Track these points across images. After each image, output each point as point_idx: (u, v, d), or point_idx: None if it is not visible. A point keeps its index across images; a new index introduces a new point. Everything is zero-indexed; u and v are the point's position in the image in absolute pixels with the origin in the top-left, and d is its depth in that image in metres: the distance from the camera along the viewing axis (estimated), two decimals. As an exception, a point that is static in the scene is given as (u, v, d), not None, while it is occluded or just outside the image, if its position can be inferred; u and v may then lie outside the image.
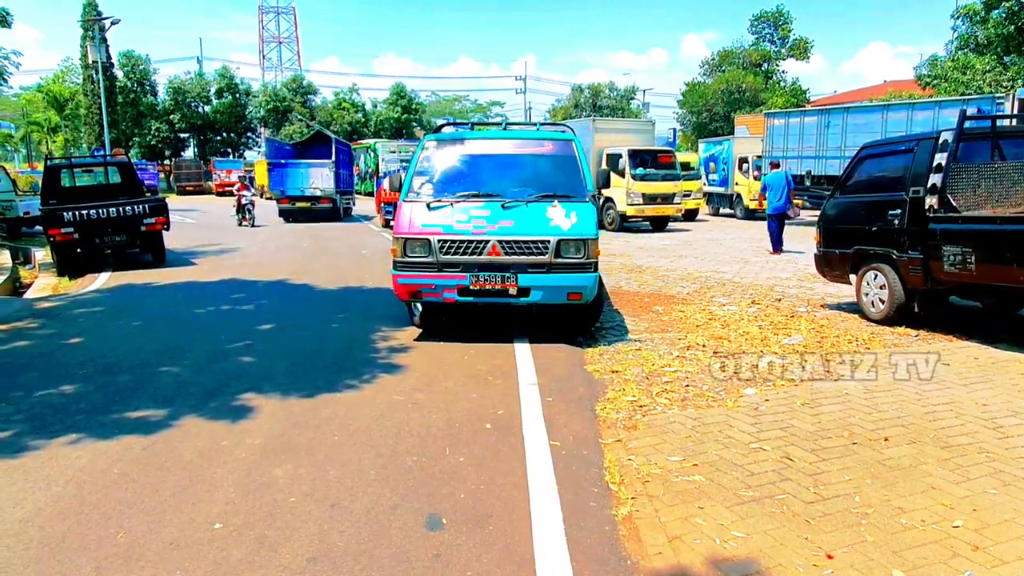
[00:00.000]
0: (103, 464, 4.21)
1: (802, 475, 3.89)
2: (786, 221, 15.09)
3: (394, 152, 32.53)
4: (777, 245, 14.75)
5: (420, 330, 7.72)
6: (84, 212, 13.57)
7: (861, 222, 7.97)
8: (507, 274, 6.80)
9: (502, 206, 7.02)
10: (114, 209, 13.83)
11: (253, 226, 23.07)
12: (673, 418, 4.91)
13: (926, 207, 7.07)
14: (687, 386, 5.65)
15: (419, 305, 7.69)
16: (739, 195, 25.99)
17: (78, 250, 13.78)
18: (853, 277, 8.21)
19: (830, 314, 8.39)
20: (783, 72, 51.77)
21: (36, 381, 6.09)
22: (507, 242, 6.82)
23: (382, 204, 25.46)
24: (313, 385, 5.80)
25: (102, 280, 12.74)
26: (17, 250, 17.81)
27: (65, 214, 13.47)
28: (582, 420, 4.93)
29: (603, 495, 3.73)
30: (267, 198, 29.92)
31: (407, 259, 7.06)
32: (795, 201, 15.44)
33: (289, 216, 25.78)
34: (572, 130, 8.44)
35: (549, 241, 6.79)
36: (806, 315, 8.29)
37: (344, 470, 4.07)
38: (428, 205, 7.17)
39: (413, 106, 66.90)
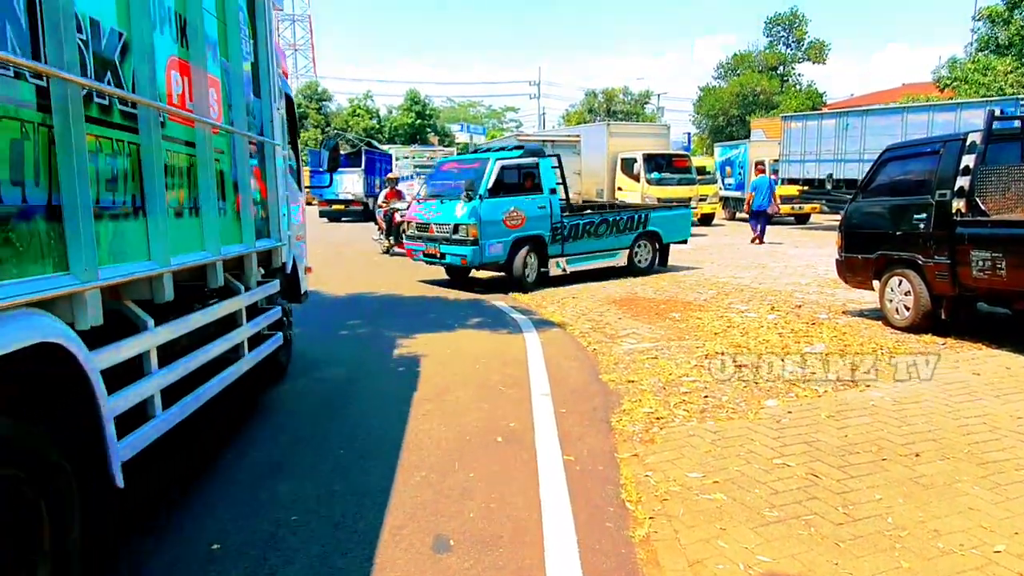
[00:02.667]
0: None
1: (830, 494, 3.68)
2: (768, 216, 18.70)
3: (407, 158, 32.44)
4: (760, 235, 18.23)
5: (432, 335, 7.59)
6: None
7: (885, 226, 7.73)
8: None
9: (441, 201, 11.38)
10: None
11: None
12: (692, 431, 4.72)
13: (953, 211, 6.84)
14: (706, 397, 5.45)
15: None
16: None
17: None
18: (876, 283, 7.98)
19: (852, 321, 8.15)
20: (799, 75, 51.40)
21: None
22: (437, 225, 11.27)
23: (379, 202, 25.43)
24: (322, 393, 5.66)
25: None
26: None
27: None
28: (597, 433, 4.75)
29: (619, 515, 3.55)
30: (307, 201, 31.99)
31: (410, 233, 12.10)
32: (775, 200, 19.46)
33: (328, 217, 29.45)
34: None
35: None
36: (828, 322, 8.06)
37: (349, 486, 3.91)
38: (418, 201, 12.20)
39: (427, 112, 67.01)
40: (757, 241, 18.12)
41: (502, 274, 11.39)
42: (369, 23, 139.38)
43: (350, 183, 28.42)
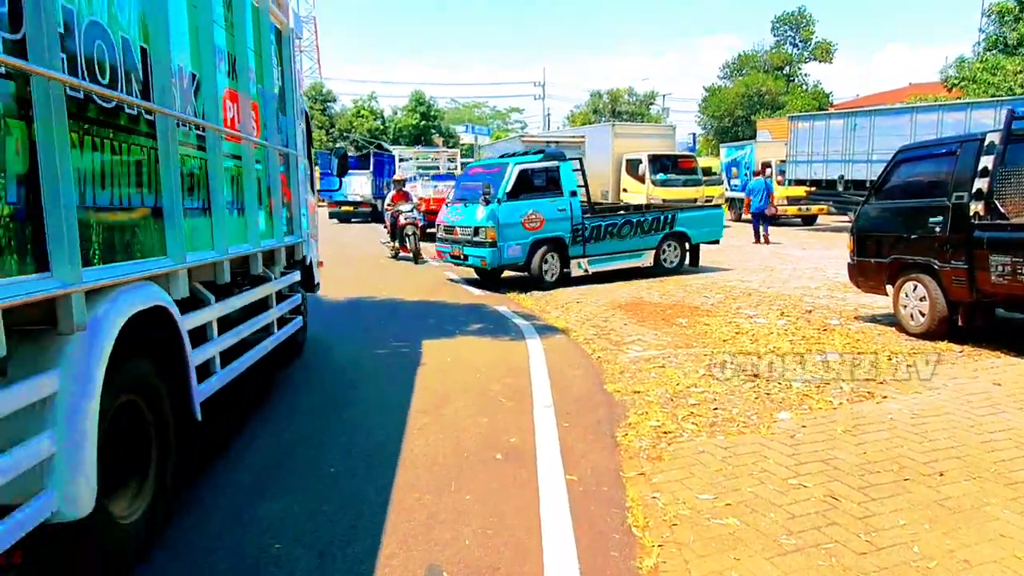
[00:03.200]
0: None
1: (850, 518, 3.45)
2: (766, 217, 19.07)
3: (410, 159, 32.25)
4: (758, 237, 18.53)
5: (431, 342, 7.37)
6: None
7: (899, 230, 7.49)
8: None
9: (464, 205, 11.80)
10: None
11: (418, 262, 15.32)
12: (702, 447, 4.49)
13: (971, 214, 6.59)
14: (715, 409, 5.22)
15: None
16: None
17: None
18: (890, 288, 7.73)
19: (865, 327, 7.90)
20: (805, 75, 51.04)
21: None
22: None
23: (385, 203, 25.38)
24: (317, 400, 5.45)
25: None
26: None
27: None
28: (601, 449, 4.52)
29: (625, 542, 3.32)
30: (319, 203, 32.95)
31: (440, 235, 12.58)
32: (772, 201, 20.10)
33: (338, 218, 29.93)
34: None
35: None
36: (840, 328, 7.81)
37: (338, 506, 3.69)
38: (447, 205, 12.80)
39: (432, 113, 66.86)
40: (764, 241, 18.38)
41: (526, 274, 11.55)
42: (372, 24, 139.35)
43: (359, 185, 29.08)
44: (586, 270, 11.75)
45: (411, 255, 15.46)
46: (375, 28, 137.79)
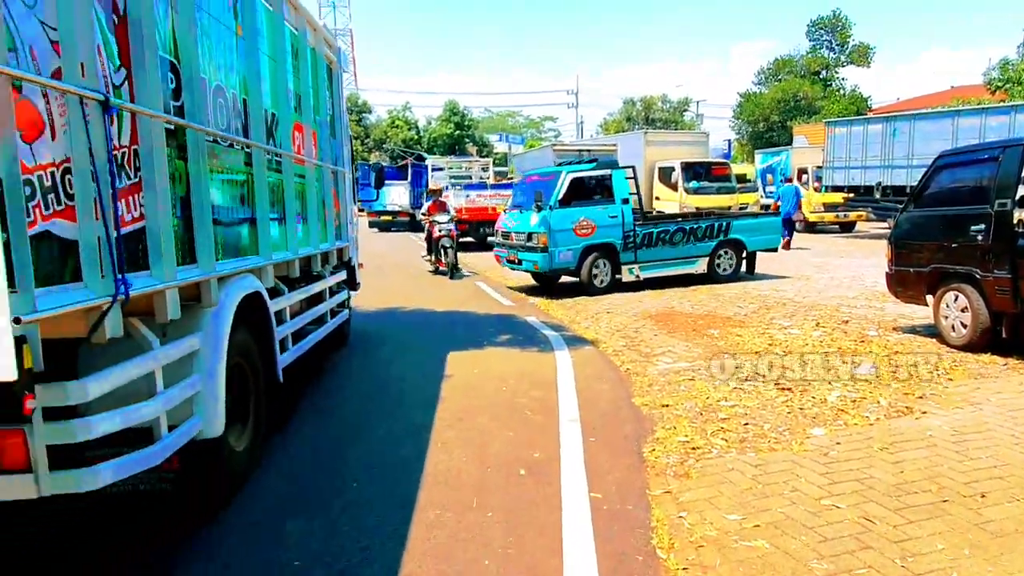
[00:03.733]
0: None
1: (886, 542, 3.31)
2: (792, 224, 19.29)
3: (444, 168, 32.44)
4: (787, 240, 18.40)
5: (459, 353, 7.35)
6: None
7: (939, 238, 7.25)
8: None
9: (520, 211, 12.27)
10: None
11: (454, 276, 14.61)
12: (731, 464, 4.37)
13: (1015, 221, 6.36)
14: (746, 424, 5.08)
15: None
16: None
17: None
18: (930, 298, 7.49)
19: (904, 339, 7.67)
20: (842, 79, 50.18)
21: None
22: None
23: (419, 214, 25.53)
24: (342, 416, 5.45)
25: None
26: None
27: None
28: (627, 465, 4.43)
29: (649, 564, 3.22)
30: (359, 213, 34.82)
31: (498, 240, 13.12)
32: (800, 209, 20.74)
33: (378, 227, 31.01)
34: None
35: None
36: (877, 339, 7.59)
37: (359, 525, 3.66)
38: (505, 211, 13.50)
39: (466, 122, 67.21)
40: (784, 246, 18.04)
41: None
42: (407, 35, 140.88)
43: (397, 195, 30.34)
44: (637, 276, 11.93)
45: (447, 269, 14.62)
46: (410, 39, 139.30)
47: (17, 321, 2.19)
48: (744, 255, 12.88)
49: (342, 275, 7.51)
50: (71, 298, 2.61)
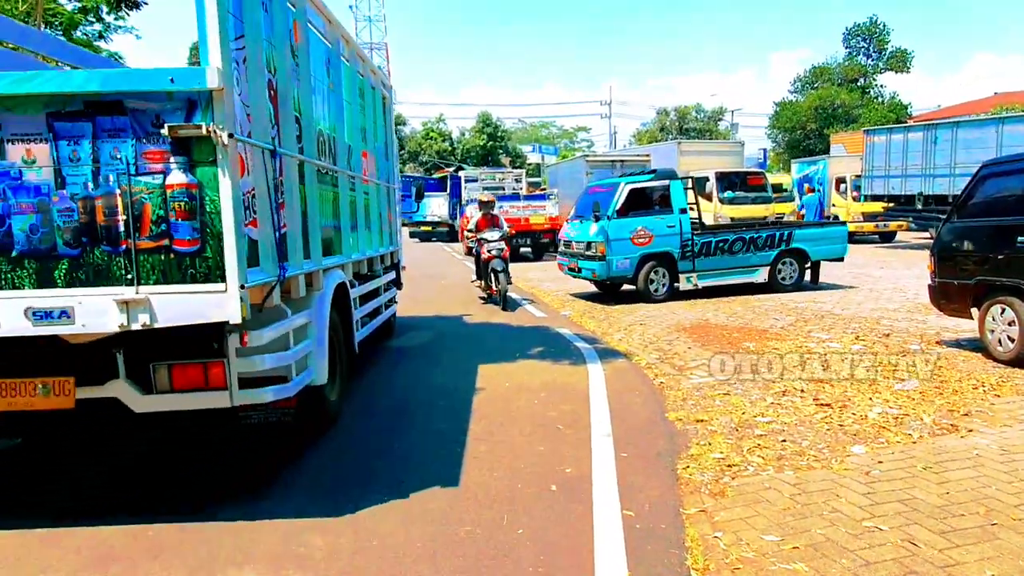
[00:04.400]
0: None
1: (931, 567, 3.18)
2: None
3: (477, 180, 32.57)
4: None
5: (491, 366, 7.32)
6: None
7: (984, 249, 7.04)
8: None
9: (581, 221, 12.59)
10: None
11: (507, 306, 11.78)
12: (768, 482, 4.26)
13: (1065, 232, 6.15)
14: (783, 441, 4.96)
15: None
16: (836, 217, 24.54)
17: None
18: (975, 311, 7.27)
19: (948, 353, 7.44)
20: (881, 86, 49.29)
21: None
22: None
23: (465, 231, 25.58)
24: (370, 431, 5.45)
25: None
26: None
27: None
28: (661, 482, 4.34)
29: (683, 586, 3.15)
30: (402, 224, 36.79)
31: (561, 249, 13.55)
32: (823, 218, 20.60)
33: (418, 237, 32.64)
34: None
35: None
36: (920, 354, 7.38)
37: (388, 541, 3.64)
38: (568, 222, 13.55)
39: (499, 133, 67.50)
40: None
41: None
42: (442, 48, 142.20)
43: (436, 206, 31.73)
44: (695, 285, 12.05)
45: (498, 296, 11.90)
46: (445, 53, 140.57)
47: (242, 286, 3.62)
48: (808, 264, 12.83)
49: (392, 275, 9.03)
50: (259, 277, 4.03)
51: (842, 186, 24.26)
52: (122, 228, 3.57)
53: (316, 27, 5.75)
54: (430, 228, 32.24)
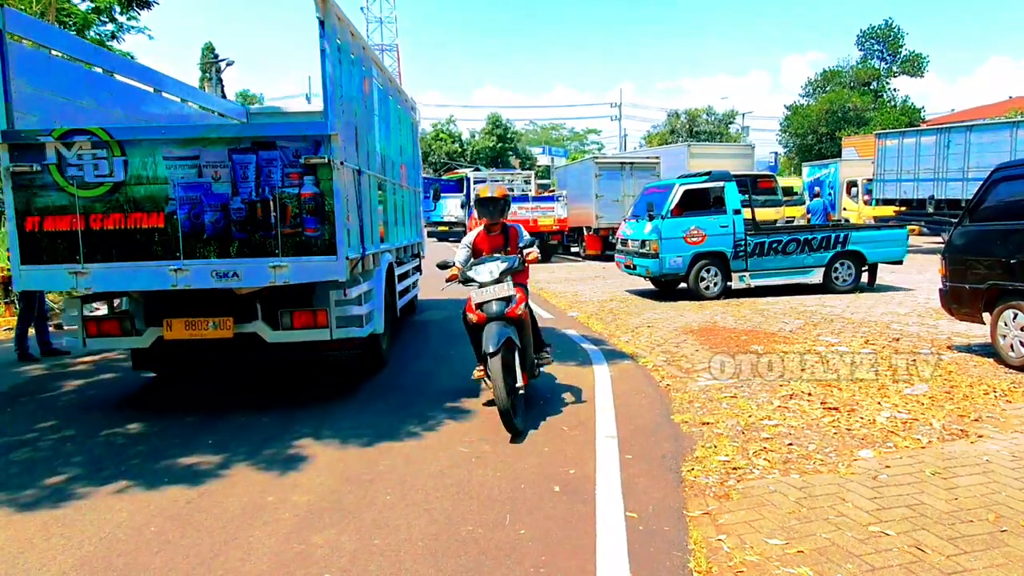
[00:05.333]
0: (142, 520, 3.94)
1: (939, 573, 3.13)
2: None
3: (486, 181, 32.63)
4: None
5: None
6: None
7: (997, 253, 6.96)
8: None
9: (637, 220, 13.01)
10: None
11: (515, 437, 5.23)
12: (774, 485, 4.21)
13: (1079, 236, 6.06)
14: (790, 444, 4.91)
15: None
16: (847, 221, 24.38)
17: None
18: (987, 316, 7.18)
19: (959, 358, 7.36)
20: (894, 90, 49.00)
21: (107, 418, 6.04)
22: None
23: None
24: (375, 430, 5.45)
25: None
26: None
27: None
28: (665, 485, 4.30)
29: (685, 589, 3.11)
30: None
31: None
32: (829, 222, 20.41)
33: (436, 237, 33.27)
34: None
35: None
36: (930, 359, 7.30)
37: (390, 539, 3.62)
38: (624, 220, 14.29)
39: (509, 135, 67.45)
40: None
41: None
42: (452, 50, 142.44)
43: (453, 207, 32.70)
44: (748, 284, 12.38)
45: (505, 406, 5.23)
46: (456, 55, 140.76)
47: (346, 258, 5.54)
48: (865, 267, 12.86)
49: (418, 261, 11.31)
50: (352, 253, 5.88)
51: (853, 190, 24.13)
52: (273, 220, 5.52)
53: (375, 78, 7.85)
54: (447, 228, 33.58)
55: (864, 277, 12.91)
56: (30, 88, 5.75)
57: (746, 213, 12.40)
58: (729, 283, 12.40)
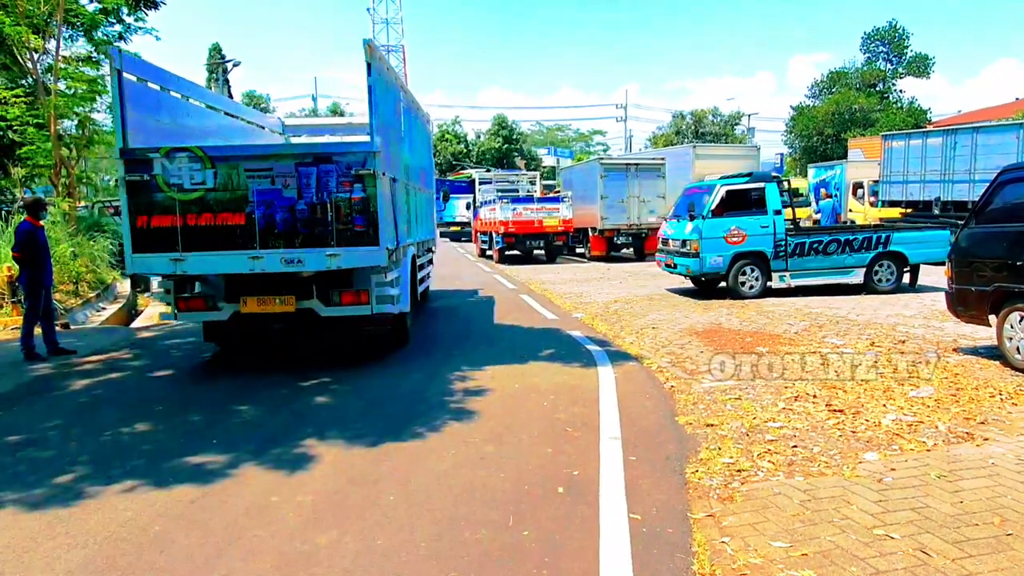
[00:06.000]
0: (147, 519, 3.95)
1: (943, 577, 3.13)
2: None
3: (491, 182, 32.60)
4: None
5: (501, 367, 7.31)
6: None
7: (1003, 255, 6.93)
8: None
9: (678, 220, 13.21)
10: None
11: None
12: (778, 488, 4.20)
13: (1086, 239, 6.04)
14: (794, 446, 4.90)
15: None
16: (853, 222, 24.31)
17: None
18: (993, 318, 7.16)
19: (965, 360, 7.33)
20: (900, 92, 48.87)
21: (113, 417, 6.07)
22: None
23: (478, 234, 25.56)
24: (379, 432, 5.45)
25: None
26: (138, 279, 18.73)
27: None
28: (669, 486, 4.30)
29: (689, 591, 3.11)
30: None
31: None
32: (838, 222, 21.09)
33: (449, 238, 34.72)
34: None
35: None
36: (936, 361, 7.27)
37: (393, 540, 3.62)
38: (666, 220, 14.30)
39: (514, 136, 67.51)
40: None
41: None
42: (458, 52, 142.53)
43: (463, 207, 33.61)
44: (788, 284, 12.56)
45: None
46: (462, 56, 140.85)
47: (387, 248, 7.07)
48: (907, 268, 12.90)
49: (431, 256, 12.87)
50: (390, 244, 7.19)
51: (859, 191, 24.06)
52: (329, 218, 6.98)
53: (401, 101, 9.03)
54: (459, 228, 34.72)
55: (905, 278, 12.89)
56: (135, 114, 7.16)
57: (787, 213, 12.54)
58: (769, 283, 12.54)
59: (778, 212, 12.38)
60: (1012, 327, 6.87)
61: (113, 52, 6.97)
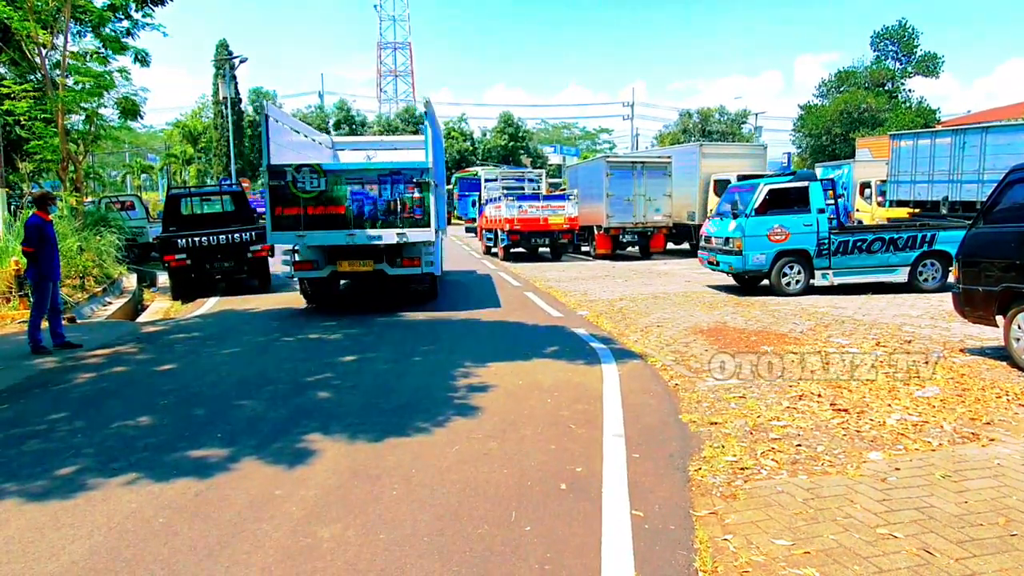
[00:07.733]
0: (150, 511, 3.97)
1: (946, 577, 3.11)
2: None
3: (497, 179, 32.56)
4: None
5: (504, 364, 7.32)
6: (195, 239, 14.11)
7: (1011, 256, 6.89)
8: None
9: (722, 218, 13.46)
10: (223, 236, 14.30)
11: None
12: (781, 486, 4.19)
13: (1095, 239, 6.00)
14: (798, 445, 4.89)
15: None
16: (860, 222, 24.20)
17: (191, 275, 14.32)
18: (1000, 319, 7.12)
19: (971, 361, 7.30)
20: (909, 91, 48.64)
21: (117, 410, 6.09)
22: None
23: (483, 231, 25.56)
24: (382, 427, 5.45)
25: (209, 305, 13.15)
26: (144, 274, 18.82)
27: (179, 240, 14.07)
28: (672, 484, 4.30)
29: (691, 588, 3.11)
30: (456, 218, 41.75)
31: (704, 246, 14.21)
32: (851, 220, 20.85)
33: (474, 232, 34.50)
34: None
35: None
36: (942, 361, 7.24)
37: (395, 535, 3.63)
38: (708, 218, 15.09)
39: (520, 134, 67.42)
40: None
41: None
42: (464, 49, 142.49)
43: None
44: (831, 282, 12.61)
45: None
46: (469, 53, 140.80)
47: (436, 230, 11.44)
48: (951, 267, 12.69)
49: (443, 237, 15.01)
50: (436, 226, 11.28)
51: (867, 191, 23.93)
52: (398, 210, 10.84)
53: (440, 130, 14.25)
54: (474, 222, 35.55)
55: (951, 277, 12.74)
56: (273, 144, 10.98)
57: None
58: (812, 280, 12.57)
59: (821, 211, 12.45)
60: (1019, 328, 6.83)
61: (265, 104, 11.72)
